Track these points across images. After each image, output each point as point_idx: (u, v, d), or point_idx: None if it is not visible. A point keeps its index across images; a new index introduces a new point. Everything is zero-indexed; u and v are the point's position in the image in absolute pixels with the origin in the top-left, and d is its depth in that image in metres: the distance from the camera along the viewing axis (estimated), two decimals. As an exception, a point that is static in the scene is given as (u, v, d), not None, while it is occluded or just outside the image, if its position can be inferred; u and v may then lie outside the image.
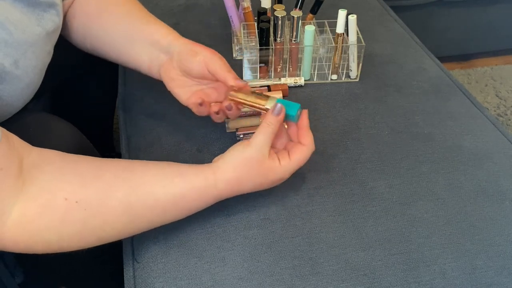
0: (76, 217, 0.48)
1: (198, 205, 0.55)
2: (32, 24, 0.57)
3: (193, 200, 0.53)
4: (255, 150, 0.54)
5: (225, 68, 0.61)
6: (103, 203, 0.49)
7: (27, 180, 0.47)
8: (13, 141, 0.48)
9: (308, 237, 0.58)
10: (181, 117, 0.74)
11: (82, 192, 0.48)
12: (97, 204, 0.49)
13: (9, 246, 0.47)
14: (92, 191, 0.49)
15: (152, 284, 0.54)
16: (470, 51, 1.80)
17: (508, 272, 0.56)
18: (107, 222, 0.50)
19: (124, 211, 0.50)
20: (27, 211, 0.46)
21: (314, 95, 0.80)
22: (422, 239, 0.58)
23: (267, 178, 0.55)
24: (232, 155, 0.54)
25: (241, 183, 0.55)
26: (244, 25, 0.84)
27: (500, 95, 1.67)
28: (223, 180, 0.54)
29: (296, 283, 0.54)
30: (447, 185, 0.65)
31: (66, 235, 0.49)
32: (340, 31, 0.76)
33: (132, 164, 0.54)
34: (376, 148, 0.70)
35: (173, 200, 0.52)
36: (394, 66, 0.87)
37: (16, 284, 0.73)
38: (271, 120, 0.55)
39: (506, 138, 0.73)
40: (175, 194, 0.52)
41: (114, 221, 0.50)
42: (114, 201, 0.50)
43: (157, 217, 0.53)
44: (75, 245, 0.51)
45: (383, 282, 0.54)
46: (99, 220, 0.49)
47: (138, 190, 0.51)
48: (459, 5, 1.62)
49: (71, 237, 0.49)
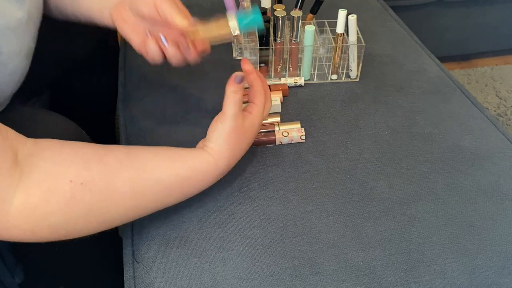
0: (82, 199, 0.48)
1: (202, 184, 0.57)
2: (14, 9, 0.56)
3: (196, 181, 0.55)
4: (233, 120, 0.57)
5: (174, 8, 0.59)
6: (108, 185, 0.49)
7: (26, 168, 0.47)
8: (7, 133, 0.48)
9: (308, 237, 0.58)
10: (181, 117, 0.74)
11: (87, 174, 0.48)
12: (103, 186, 0.49)
13: (15, 234, 0.47)
14: (97, 172, 0.49)
15: (152, 284, 0.54)
16: (470, 51, 1.81)
17: (508, 272, 0.56)
18: (113, 204, 0.50)
19: (130, 193, 0.50)
20: (31, 197, 0.46)
21: (314, 95, 0.80)
22: (422, 239, 0.58)
23: (251, 133, 0.60)
24: (217, 134, 0.57)
25: (236, 154, 0.58)
26: (244, 25, 0.83)
27: (500, 95, 1.67)
28: (222, 157, 0.56)
29: (296, 283, 0.54)
30: (447, 185, 0.65)
31: (72, 218, 0.48)
32: (340, 31, 0.76)
33: (133, 149, 0.54)
34: (376, 148, 0.70)
35: (177, 182, 0.54)
36: (394, 66, 0.87)
37: (16, 284, 0.73)
38: (236, 88, 0.57)
39: (506, 138, 0.73)
40: (178, 175, 0.54)
41: (120, 203, 0.50)
42: (120, 183, 0.50)
43: (163, 198, 0.54)
44: (81, 229, 0.50)
45: (383, 282, 0.54)
46: (105, 201, 0.49)
47: (143, 172, 0.52)
48: (459, 5, 1.62)
49: (77, 220, 0.49)
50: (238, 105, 0.57)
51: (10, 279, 0.72)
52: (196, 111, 0.76)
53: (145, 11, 0.59)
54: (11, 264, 0.74)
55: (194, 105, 0.77)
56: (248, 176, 0.65)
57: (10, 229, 0.47)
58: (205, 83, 0.81)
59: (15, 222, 0.46)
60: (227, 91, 0.57)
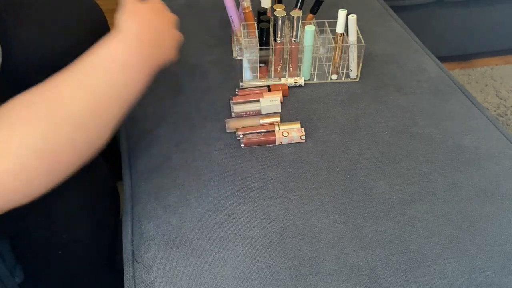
0: (42, 114, 0.45)
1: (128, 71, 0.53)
2: None
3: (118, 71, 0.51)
4: None
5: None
6: (58, 97, 0.47)
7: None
8: None
9: (308, 237, 0.58)
10: (181, 117, 0.74)
11: (35, 97, 0.46)
12: (54, 98, 0.47)
13: (7, 182, 0.44)
14: (42, 96, 0.47)
15: (152, 284, 0.55)
16: (470, 51, 1.81)
17: (508, 272, 0.56)
18: (71, 110, 0.47)
19: (82, 96, 0.48)
20: (6, 143, 0.43)
21: (314, 95, 0.80)
22: (422, 239, 0.58)
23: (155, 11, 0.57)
24: (117, 19, 0.53)
25: (146, 29, 0.54)
26: (244, 25, 0.84)
27: (500, 95, 1.67)
28: (127, 34, 0.52)
29: (296, 283, 0.54)
30: (447, 185, 0.65)
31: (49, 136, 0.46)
32: (340, 31, 0.76)
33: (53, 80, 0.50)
34: (376, 148, 0.70)
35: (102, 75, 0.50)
36: (394, 66, 0.87)
37: (16, 284, 0.73)
38: None
39: (506, 138, 0.73)
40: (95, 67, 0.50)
41: (77, 108, 0.48)
42: (67, 92, 0.47)
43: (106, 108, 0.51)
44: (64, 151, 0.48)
45: (383, 282, 0.54)
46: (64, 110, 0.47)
47: (81, 84, 0.49)
48: (459, 5, 1.62)
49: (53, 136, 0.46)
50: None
51: (10, 279, 0.72)
52: (196, 111, 0.76)
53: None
54: (11, 264, 0.74)
55: (194, 105, 0.77)
56: (248, 176, 0.65)
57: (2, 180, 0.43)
58: (205, 83, 0.81)
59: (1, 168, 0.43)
60: None
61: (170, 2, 1.05)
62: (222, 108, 0.76)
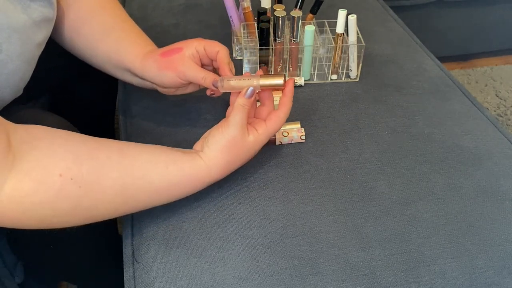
0: (70, 194, 0.48)
1: (192, 190, 0.57)
2: (17, 11, 0.56)
3: (186, 186, 0.56)
4: (236, 128, 0.56)
5: (199, 70, 0.64)
6: (98, 182, 0.49)
7: (18, 155, 0.46)
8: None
9: (308, 237, 0.58)
10: (181, 117, 0.74)
11: (77, 169, 0.48)
12: (92, 182, 0.49)
13: (2, 220, 0.47)
14: (87, 169, 0.49)
15: (152, 284, 0.55)
16: (470, 51, 1.81)
17: (508, 272, 0.56)
18: (101, 201, 0.50)
19: (119, 192, 0.51)
20: (21, 185, 0.46)
21: (314, 95, 0.80)
22: (422, 239, 0.58)
23: (252, 150, 0.59)
24: (216, 140, 0.56)
25: (231, 166, 0.58)
26: (244, 25, 0.84)
27: (500, 95, 1.67)
28: (215, 166, 0.56)
29: (296, 283, 0.54)
30: (447, 185, 0.65)
31: (60, 212, 0.49)
32: (340, 31, 0.76)
33: (127, 145, 0.55)
34: (376, 148, 0.70)
35: (168, 185, 0.54)
36: (394, 66, 0.87)
37: (16, 284, 0.73)
38: (245, 102, 0.57)
39: (506, 138, 0.73)
40: (170, 180, 0.54)
41: (108, 201, 0.51)
42: (109, 181, 0.50)
43: (151, 200, 0.55)
44: (68, 221, 0.51)
45: (383, 282, 0.54)
46: (94, 198, 0.49)
47: (133, 173, 0.52)
48: (459, 5, 1.62)
49: (64, 213, 0.49)
50: (244, 118, 0.57)
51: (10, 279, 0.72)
52: (196, 111, 0.76)
53: (167, 85, 0.67)
54: (11, 264, 0.74)
55: (194, 105, 0.77)
56: (248, 176, 0.65)
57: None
58: (205, 83, 0.81)
59: (3, 209, 0.46)
60: (236, 102, 0.57)
61: (170, 3, 1.05)
62: (222, 108, 0.75)
